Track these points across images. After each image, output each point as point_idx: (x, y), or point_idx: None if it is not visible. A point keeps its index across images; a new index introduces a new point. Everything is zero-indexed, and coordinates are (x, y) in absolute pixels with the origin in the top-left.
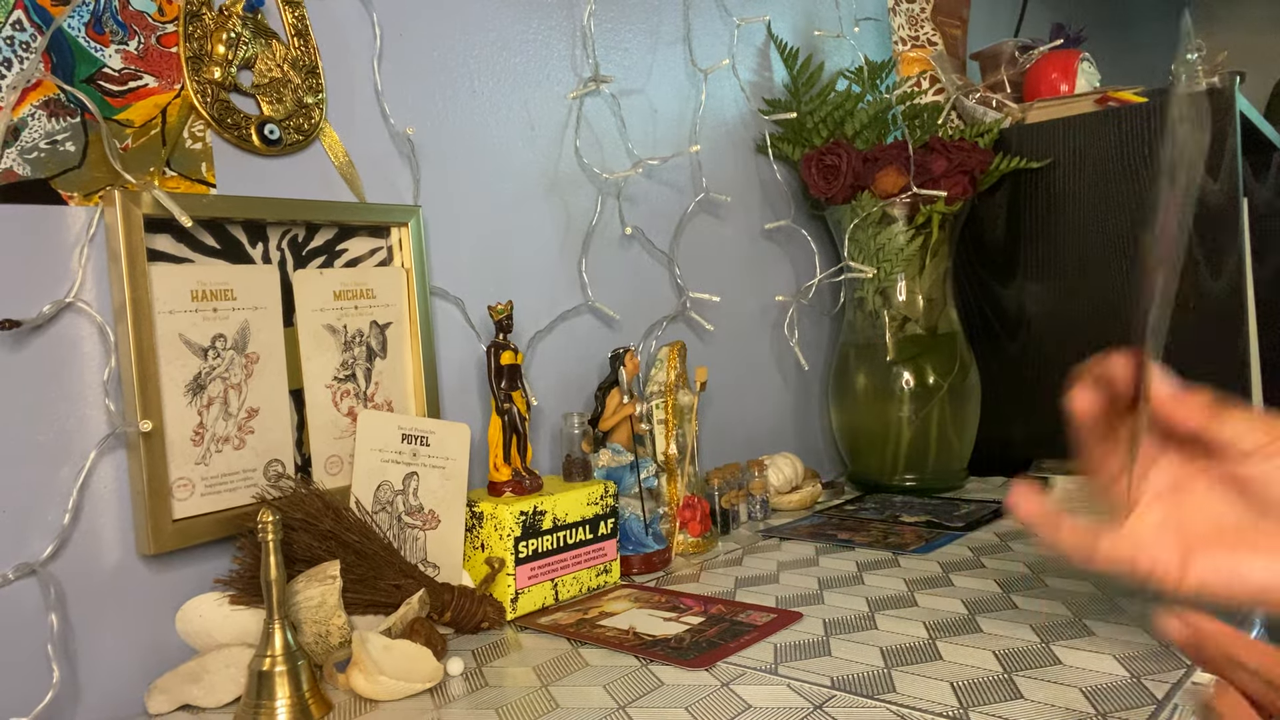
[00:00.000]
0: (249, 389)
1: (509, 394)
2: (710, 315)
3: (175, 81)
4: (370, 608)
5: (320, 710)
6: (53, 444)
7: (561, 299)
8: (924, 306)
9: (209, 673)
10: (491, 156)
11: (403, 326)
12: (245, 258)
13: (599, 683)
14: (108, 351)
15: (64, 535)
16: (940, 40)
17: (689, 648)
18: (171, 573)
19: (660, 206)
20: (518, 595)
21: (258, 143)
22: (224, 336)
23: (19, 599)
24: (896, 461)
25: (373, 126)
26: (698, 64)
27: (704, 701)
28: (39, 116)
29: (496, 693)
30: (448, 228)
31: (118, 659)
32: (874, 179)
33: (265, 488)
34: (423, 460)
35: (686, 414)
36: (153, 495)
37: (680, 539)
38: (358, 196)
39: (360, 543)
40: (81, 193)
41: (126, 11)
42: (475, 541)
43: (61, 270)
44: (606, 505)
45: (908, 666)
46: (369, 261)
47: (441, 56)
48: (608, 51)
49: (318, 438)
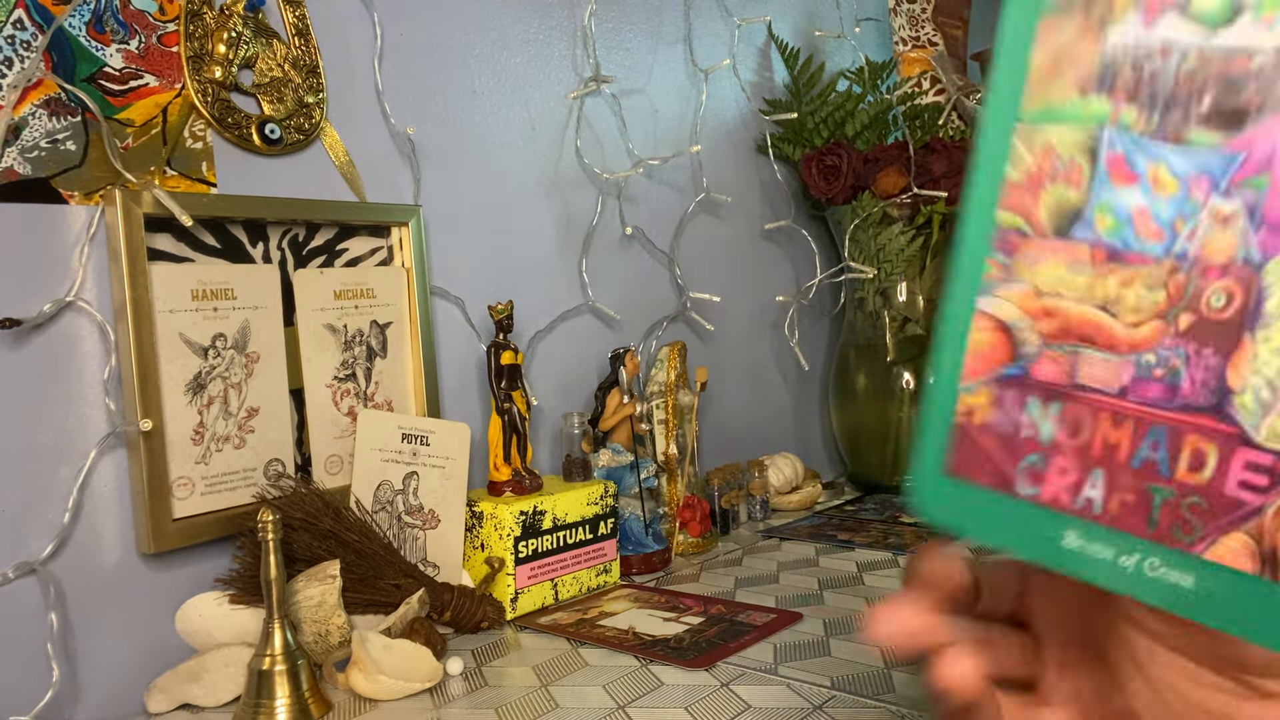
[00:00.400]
0: (249, 388)
1: (509, 394)
2: (710, 315)
3: (176, 81)
4: (370, 607)
5: (320, 709)
6: (53, 443)
7: (562, 299)
8: (924, 307)
9: (208, 672)
10: (492, 156)
11: (403, 326)
12: (246, 257)
13: (599, 683)
14: (108, 350)
15: (64, 534)
16: (941, 40)
17: (689, 648)
18: (171, 572)
19: (661, 206)
20: (517, 595)
21: (258, 142)
22: (224, 336)
23: (19, 598)
24: (896, 461)
25: (373, 126)
26: (698, 64)
27: (704, 701)
28: (40, 115)
29: (496, 692)
30: (448, 227)
31: (117, 658)
32: (874, 179)
33: (265, 487)
34: (423, 460)
35: (686, 414)
36: (153, 494)
37: (680, 539)
38: (358, 196)
39: (360, 542)
40: (82, 192)
41: (127, 11)
42: (475, 541)
43: (62, 269)
44: (606, 505)
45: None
46: (369, 261)
47: (442, 56)
48: (608, 51)
49: (318, 437)
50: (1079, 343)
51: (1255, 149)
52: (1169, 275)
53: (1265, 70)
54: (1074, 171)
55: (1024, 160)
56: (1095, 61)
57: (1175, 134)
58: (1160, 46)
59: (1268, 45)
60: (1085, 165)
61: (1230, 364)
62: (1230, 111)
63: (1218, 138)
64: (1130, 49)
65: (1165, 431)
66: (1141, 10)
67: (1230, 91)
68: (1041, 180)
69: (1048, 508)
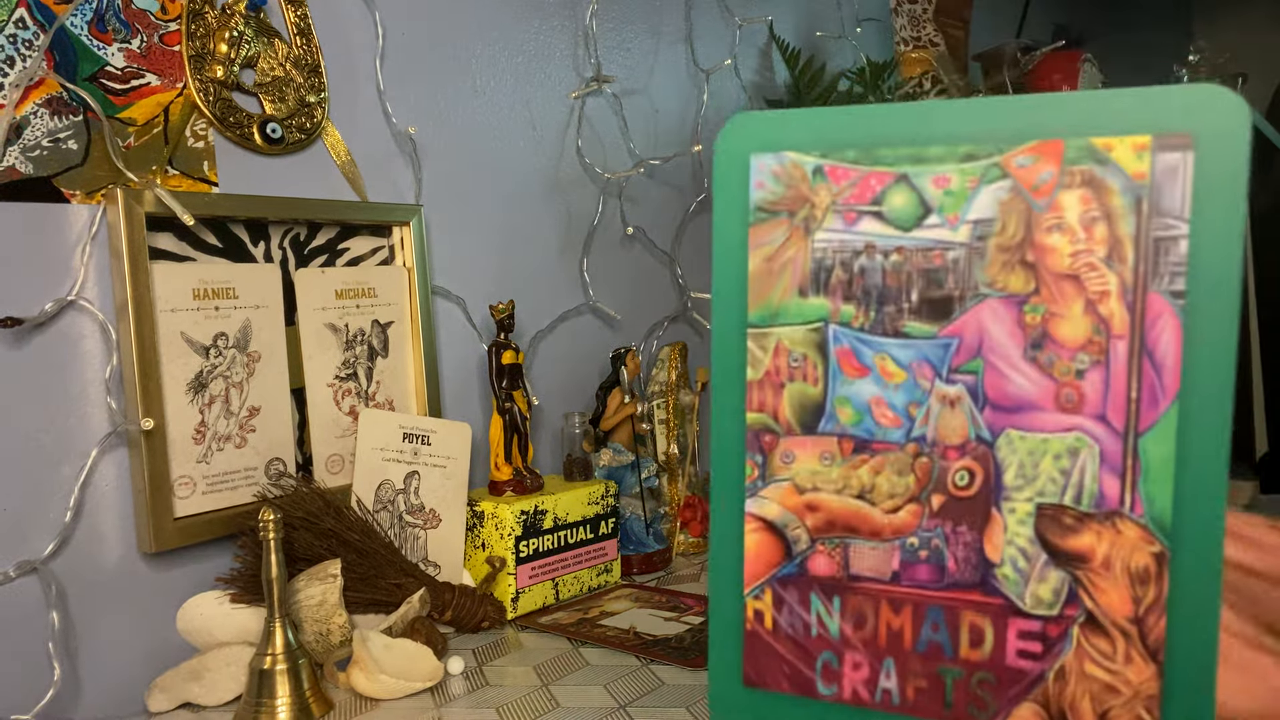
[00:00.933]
0: (250, 387)
1: (510, 393)
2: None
3: (178, 80)
4: (371, 606)
5: (320, 709)
6: (54, 442)
7: (563, 299)
8: None
9: (210, 671)
10: (493, 156)
11: (404, 325)
12: (247, 256)
13: (599, 682)
14: (109, 349)
15: (65, 533)
16: (942, 41)
17: (689, 648)
18: (172, 571)
19: (662, 206)
20: (518, 594)
21: (260, 141)
22: (225, 335)
23: (20, 596)
24: None
25: (375, 125)
26: (700, 64)
27: (704, 701)
28: (42, 114)
29: (497, 692)
30: (449, 227)
31: (118, 657)
32: None
33: (266, 486)
34: (424, 459)
35: (687, 414)
36: (154, 493)
37: (681, 539)
38: (360, 195)
39: (361, 541)
40: (84, 191)
41: (129, 10)
42: (476, 541)
43: (63, 268)
44: (607, 505)
45: None
46: (371, 260)
47: (444, 56)
48: (610, 51)
49: (319, 436)
50: (846, 534)
51: (965, 335)
52: (914, 459)
53: (960, 263)
54: (809, 368)
55: (760, 360)
56: (808, 263)
57: (893, 327)
58: (865, 245)
59: (957, 240)
60: (818, 361)
61: (986, 538)
62: (937, 302)
63: (931, 328)
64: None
65: (941, 611)
66: (841, 214)
67: (933, 284)
68: (780, 378)
69: (850, 705)
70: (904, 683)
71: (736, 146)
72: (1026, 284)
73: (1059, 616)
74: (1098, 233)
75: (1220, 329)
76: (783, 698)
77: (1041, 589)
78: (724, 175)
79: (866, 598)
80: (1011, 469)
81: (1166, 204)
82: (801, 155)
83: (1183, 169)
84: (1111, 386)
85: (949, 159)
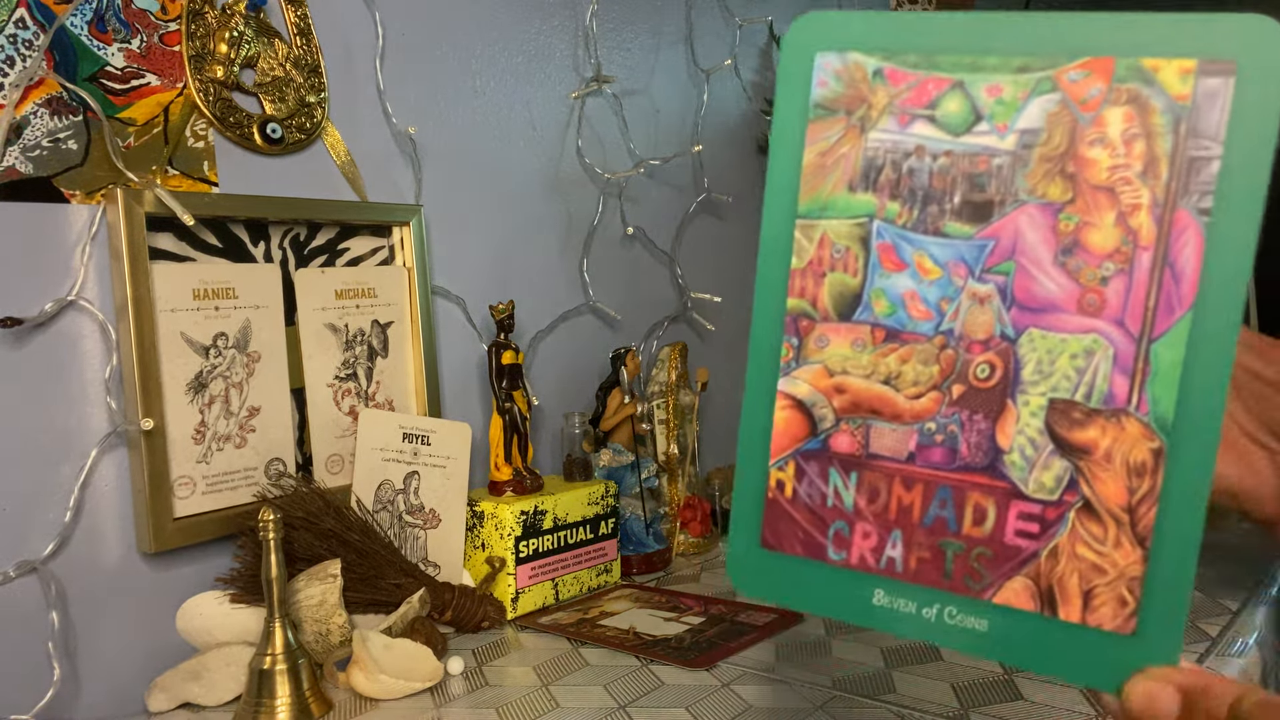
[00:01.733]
0: (250, 387)
1: (510, 393)
2: (711, 315)
3: (178, 80)
4: (371, 606)
5: (320, 709)
6: (54, 442)
7: (563, 299)
8: None
9: (209, 671)
10: (493, 156)
11: (404, 326)
12: (247, 256)
13: (599, 682)
14: (109, 349)
15: (65, 533)
16: None
17: (689, 648)
18: (172, 571)
19: (662, 206)
20: (518, 595)
21: (260, 141)
22: (225, 335)
23: (20, 596)
24: None
25: (375, 126)
26: (700, 64)
27: (704, 701)
28: (41, 114)
29: (497, 692)
30: (449, 227)
31: (118, 657)
32: None
33: (266, 486)
34: (424, 459)
35: (687, 414)
36: (154, 493)
37: (681, 539)
38: (360, 196)
39: (361, 541)
40: (84, 191)
41: (129, 10)
42: (476, 541)
43: (63, 268)
44: (607, 505)
45: (908, 667)
46: (370, 260)
47: (444, 56)
48: (610, 51)
49: (319, 437)
50: (869, 415)
51: (1002, 238)
52: (940, 351)
53: (1003, 169)
54: (850, 260)
55: (805, 250)
56: (859, 161)
57: (934, 226)
58: (915, 147)
59: (1003, 148)
60: (860, 254)
61: (998, 427)
62: (978, 205)
63: (969, 229)
64: (889, 150)
65: (950, 491)
66: (896, 116)
67: (976, 188)
68: (822, 268)
69: (856, 570)
70: (908, 552)
71: (803, 43)
72: (1064, 193)
73: (1058, 501)
74: (1136, 149)
75: (1239, 247)
76: (795, 560)
77: (1045, 476)
78: (788, 71)
79: (882, 474)
80: (1030, 365)
81: (1204, 126)
82: (865, 56)
83: (1223, 94)
84: (1132, 294)
85: (1004, 69)
